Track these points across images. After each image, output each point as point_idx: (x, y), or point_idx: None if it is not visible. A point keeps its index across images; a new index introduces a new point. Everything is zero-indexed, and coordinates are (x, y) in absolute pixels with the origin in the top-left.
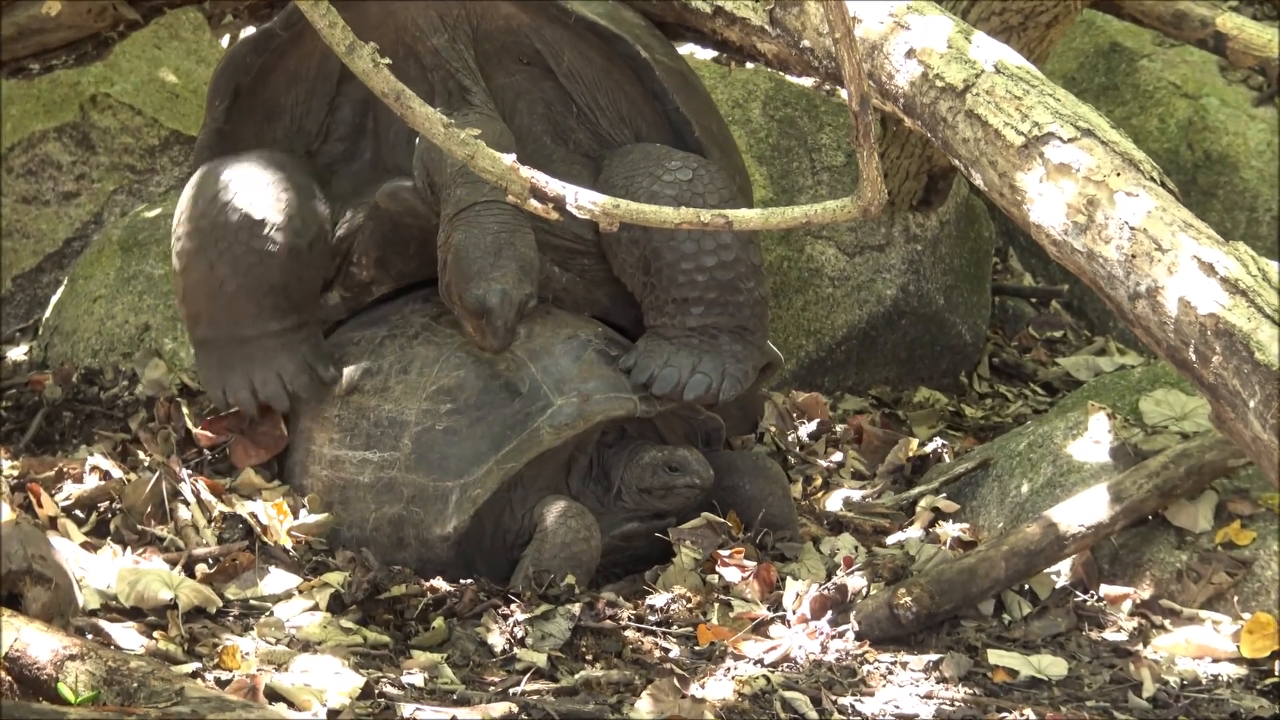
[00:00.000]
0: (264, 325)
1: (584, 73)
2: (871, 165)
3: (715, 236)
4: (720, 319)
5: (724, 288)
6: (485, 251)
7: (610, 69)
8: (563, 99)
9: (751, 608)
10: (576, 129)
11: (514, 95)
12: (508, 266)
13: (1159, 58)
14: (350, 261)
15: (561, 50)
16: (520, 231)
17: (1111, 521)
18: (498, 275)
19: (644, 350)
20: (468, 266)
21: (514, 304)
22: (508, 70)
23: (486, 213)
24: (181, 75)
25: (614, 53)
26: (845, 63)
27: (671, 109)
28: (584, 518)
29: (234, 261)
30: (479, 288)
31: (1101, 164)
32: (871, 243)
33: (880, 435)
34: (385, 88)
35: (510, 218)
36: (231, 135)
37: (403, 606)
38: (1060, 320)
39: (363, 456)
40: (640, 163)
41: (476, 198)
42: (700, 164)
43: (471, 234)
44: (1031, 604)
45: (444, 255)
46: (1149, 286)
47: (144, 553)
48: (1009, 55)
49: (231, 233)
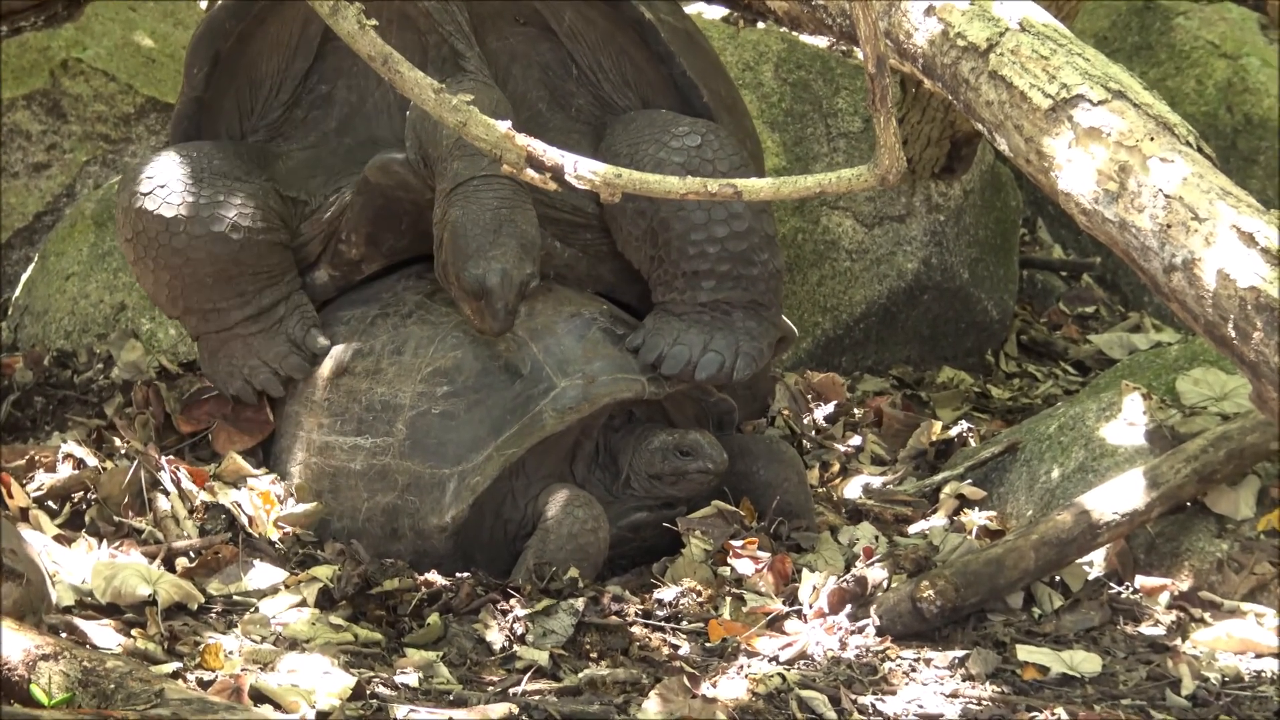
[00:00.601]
0: (230, 316)
1: (586, 34)
2: (889, 131)
3: (726, 206)
4: (733, 293)
5: (737, 260)
6: (484, 229)
7: (614, 31)
8: (562, 62)
9: (766, 602)
10: (576, 93)
11: (508, 59)
12: (508, 244)
13: (1196, 15)
14: (339, 239)
15: (562, 10)
16: (521, 207)
17: (1147, 509)
18: (497, 254)
19: (652, 328)
20: (465, 245)
21: (515, 284)
22: (501, 32)
23: (485, 188)
24: (158, 39)
25: (618, 14)
26: (861, 21)
27: (678, 73)
28: (591, 507)
29: (165, 264)
30: (478, 267)
31: (1134, 128)
32: (891, 213)
33: (901, 418)
34: (372, 51)
35: (511, 193)
36: (210, 104)
37: (395, 602)
38: (1092, 295)
39: (354, 442)
40: (646, 129)
41: (474, 171)
42: (709, 129)
43: (469, 210)
44: (1063, 596)
45: (440, 233)
46: (1185, 258)
47: (121, 546)
48: (1035, 12)
49: (151, 237)
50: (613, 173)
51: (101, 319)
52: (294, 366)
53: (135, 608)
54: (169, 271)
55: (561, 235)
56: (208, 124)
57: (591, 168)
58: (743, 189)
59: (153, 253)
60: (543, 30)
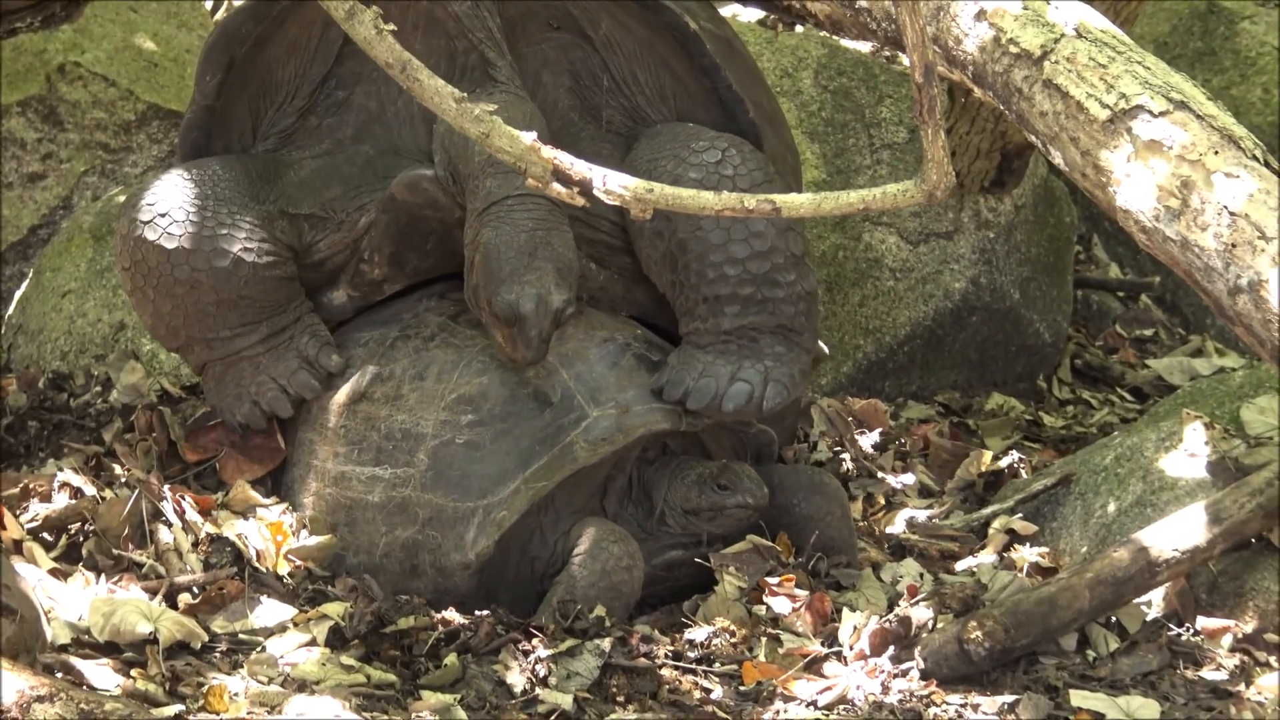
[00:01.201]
0: (235, 344)
1: (623, 43)
2: (937, 143)
3: (747, 224)
4: (759, 318)
5: (760, 282)
6: (519, 251)
7: (654, 41)
8: (593, 71)
9: (803, 642)
10: (608, 104)
11: (538, 65)
12: (543, 268)
13: (1262, 19)
14: (360, 258)
15: (599, 16)
16: (558, 229)
17: (1210, 545)
18: (532, 278)
19: (677, 363)
20: (499, 268)
21: (550, 311)
22: (532, 37)
23: (520, 208)
24: (160, 41)
25: (659, 23)
26: (907, 26)
27: (723, 86)
28: (626, 543)
29: (166, 295)
30: (511, 292)
31: (1197, 141)
32: (938, 229)
33: (948, 447)
34: (390, 57)
35: (546, 213)
36: (222, 112)
37: (411, 641)
38: (1151, 317)
39: (372, 473)
40: (666, 144)
41: (509, 191)
42: (732, 143)
43: (503, 231)
44: (1119, 638)
45: (471, 255)
46: (1251, 280)
47: (120, 580)
48: (1092, 17)
49: (151, 268)
50: (644, 188)
51: (100, 339)
52: (303, 384)
53: (135, 646)
54: (170, 302)
55: (597, 257)
56: (219, 133)
57: (622, 182)
58: (781, 205)
59: (152, 283)
60: (577, 37)
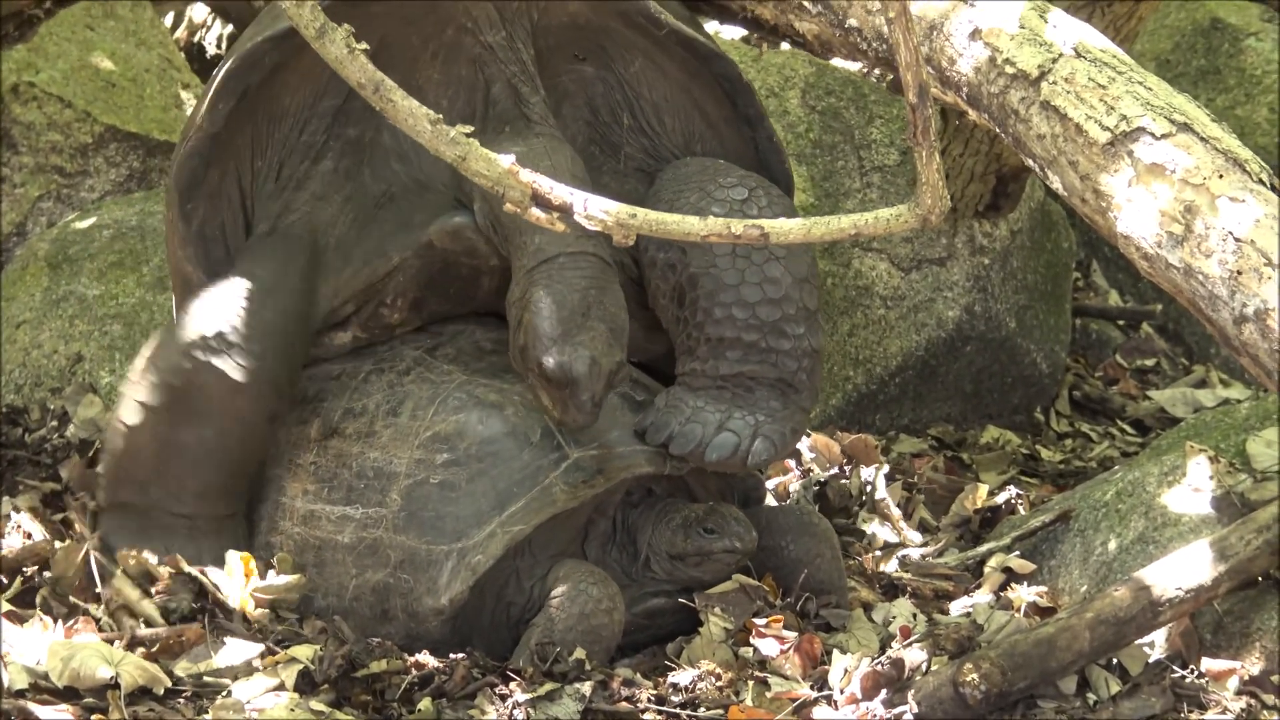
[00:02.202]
0: (208, 507)
1: (655, 85)
2: (932, 167)
3: (762, 268)
4: (759, 368)
5: (767, 330)
6: (572, 312)
7: (691, 86)
8: (613, 108)
9: (792, 686)
10: (627, 142)
11: (559, 97)
12: (597, 329)
13: (1268, 36)
14: (382, 302)
15: (634, 55)
16: (610, 288)
17: (1215, 584)
18: (585, 339)
19: (664, 406)
20: (551, 329)
21: (603, 374)
22: (555, 69)
23: (572, 266)
24: (119, 61)
25: (703, 70)
26: (901, 46)
27: (764, 137)
28: (606, 586)
29: (205, 427)
30: (564, 354)
31: (1201, 164)
32: (930, 256)
33: (943, 483)
34: (362, 78)
35: (598, 272)
36: (225, 141)
37: (383, 685)
38: (1152, 346)
39: (342, 512)
40: (693, 177)
41: (560, 248)
42: (760, 184)
43: (555, 291)
44: (1121, 681)
45: (519, 313)
46: (1258, 308)
47: (77, 624)
48: (1091, 36)
49: (209, 396)
50: (626, 212)
51: (56, 371)
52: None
53: (96, 691)
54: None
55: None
56: (216, 160)
57: (603, 207)
58: (770, 230)
59: (195, 407)
60: (602, 70)
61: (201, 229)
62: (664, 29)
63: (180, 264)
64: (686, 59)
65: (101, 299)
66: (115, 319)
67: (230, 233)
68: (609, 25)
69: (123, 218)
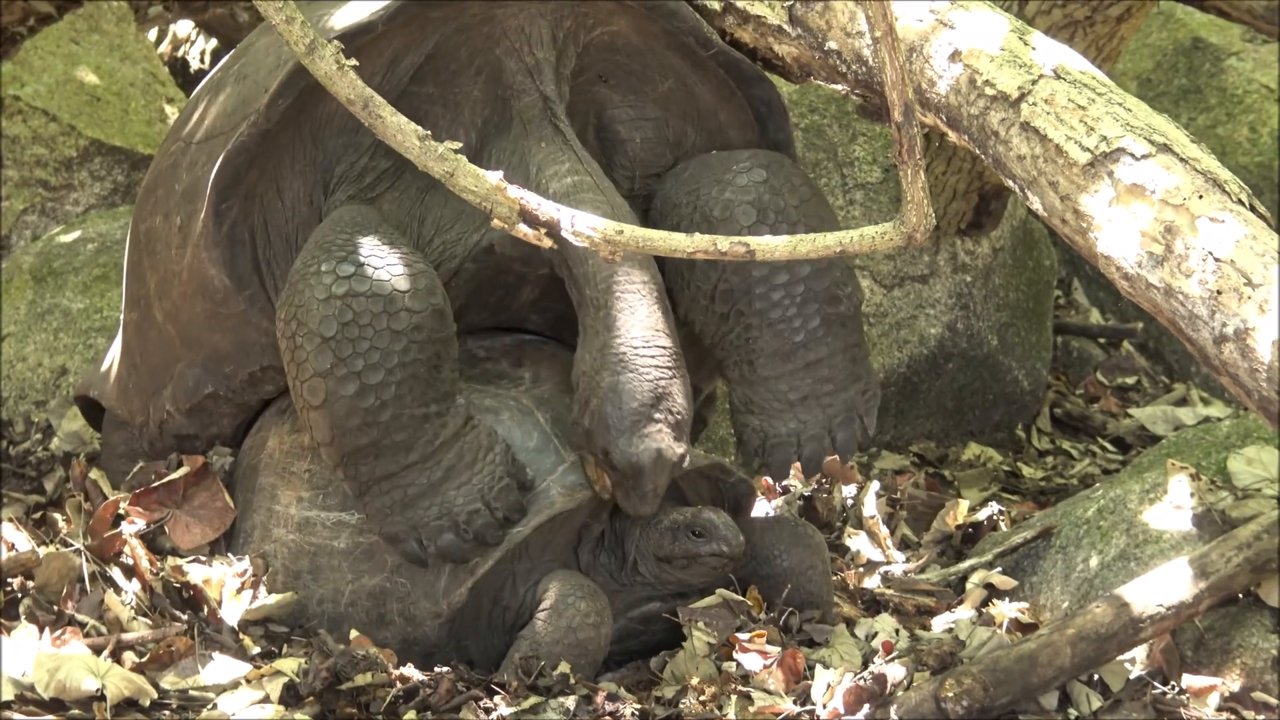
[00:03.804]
0: (427, 430)
1: (681, 107)
2: (917, 184)
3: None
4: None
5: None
6: (642, 403)
7: (720, 109)
8: (630, 130)
9: (775, 700)
10: (642, 165)
11: (575, 117)
12: (664, 421)
13: (1250, 56)
14: None
15: (664, 78)
16: (679, 376)
17: (1195, 601)
18: (653, 432)
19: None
20: (620, 420)
21: (668, 466)
22: (578, 89)
23: (645, 351)
24: (103, 75)
25: (739, 93)
26: (887, 64)
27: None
28: (595, 599)
29: (384, 354)
30: (631, 445)
31: (1181, 185)
32: (913, 273)
33: (924, 499)
34: (351, 94)
35: (670, 358)
36: (274, 137)
37: (368, 698)
38: (1133, 364)
39: (338, 518)
40: (702, 174)
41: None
42: (772, 159)
43: (626, 380)
44: (1102, 697)
45: (587, 395)
46: (1238, 328)
47: (63, 635)
48: (1071, 58)
49: (365, 324)
50: (614, 229)
51: (40, 384)
52: (512, 505)
53: (82, 703)
54: (384, 366)
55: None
56: (259, 159)
57: (590, 223)
58: (756, 248)
59: (365, 347)
60: (624, 93)
61: (233, 230)
62: (713, 49)
63: (201, 266)
64: (724, 81)
65: (86, 312)
66: (100, 332)
67: (259, 238)
68: (649, 46)
69: (107, 231)
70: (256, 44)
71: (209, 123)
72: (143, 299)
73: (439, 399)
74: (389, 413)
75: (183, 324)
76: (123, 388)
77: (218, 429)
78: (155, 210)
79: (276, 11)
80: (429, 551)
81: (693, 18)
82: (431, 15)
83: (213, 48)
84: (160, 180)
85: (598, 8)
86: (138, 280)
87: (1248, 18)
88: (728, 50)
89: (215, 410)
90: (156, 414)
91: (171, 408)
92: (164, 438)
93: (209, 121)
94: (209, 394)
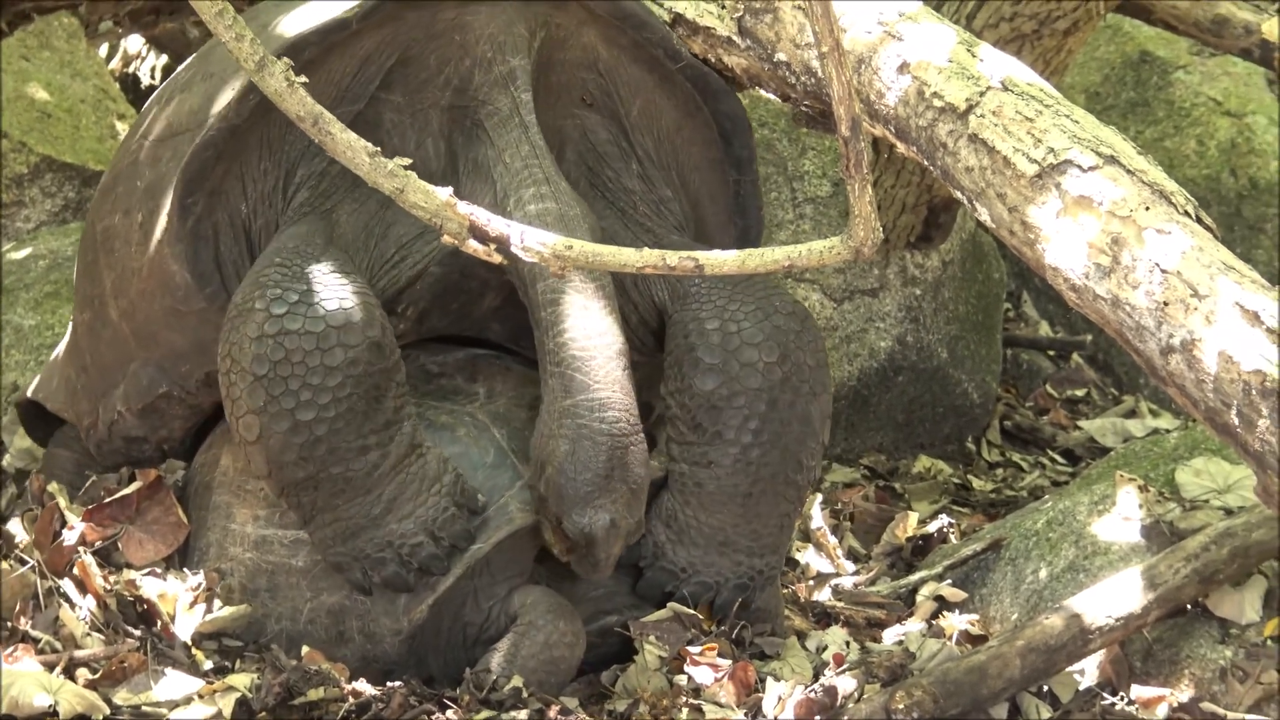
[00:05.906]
0: (366, 460)
1: (652, 128)
2: (864, 199)
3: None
4: None
5: None
6: (595, 474)
7: (684, 125)
8: (618, 155)
9: (726, 713)
10: (627, 189)
11: (563, 142)
12: (618, 490)
13: (1196, 69)
14: (392, 311)
15: (635, 98)
16: (635, 444)
17: (1144, 612)
18: (606, 502)
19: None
20: (574, 490)
21: (621, 535)
22: (562, 111)
23: (600, 412)
24: (54, 91)
25: (705, 108)
26: (834, 78)
27: (748, 181)
28: (573, 621)
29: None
30: (584, 516)
31: (1128, 196)
32: (863, 286)
33: (874, 512)
34: (301, 111)
35: (627, 423)
36: (243, 135)
37: (321, 713)
38: (1082, 376)
39: (295, 536)
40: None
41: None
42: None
43: (580, 450)
44: (1052, 708)
45: (541, 463)
46: (1184, 339)
47: (14, 652)
48: (1019, 70)
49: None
50: (563, 244)
51: None
52: (458, 534)
53: (34, 719)
54: (317, 405)
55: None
56: (226, 155)
57: (540, 239)
58: (704, 263)
59: (296, 384)
60: (606, 118)
61: (197, 226)
62: (682, 61)
63: (163, 263)
64: (690, 96)
65: (37, 329)
66: (51, 349)
67: (223, 236)
68: (619, 60)
69: (58, 248)
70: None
71: (174, 121)
72: (96, 299)
73: (379, 429)
74: (324, 447)
75: (139, 322)
76: (70, 389)
77: (167, 431)
78: (115, 208)
79: (226, 29)
80: (373, 581)
81: (663, 29)
82: (406, 16)
83: (163, 64)
84: (120, 178)
85: (568, 16)
86: (91, 280)
87: (1194, 31)
88: (695, 64)
89: (167, 411)
90: (106, 415)
91: (123, 408)
92: (112, 439)
93: (174, 120)
94: (162, 394)
